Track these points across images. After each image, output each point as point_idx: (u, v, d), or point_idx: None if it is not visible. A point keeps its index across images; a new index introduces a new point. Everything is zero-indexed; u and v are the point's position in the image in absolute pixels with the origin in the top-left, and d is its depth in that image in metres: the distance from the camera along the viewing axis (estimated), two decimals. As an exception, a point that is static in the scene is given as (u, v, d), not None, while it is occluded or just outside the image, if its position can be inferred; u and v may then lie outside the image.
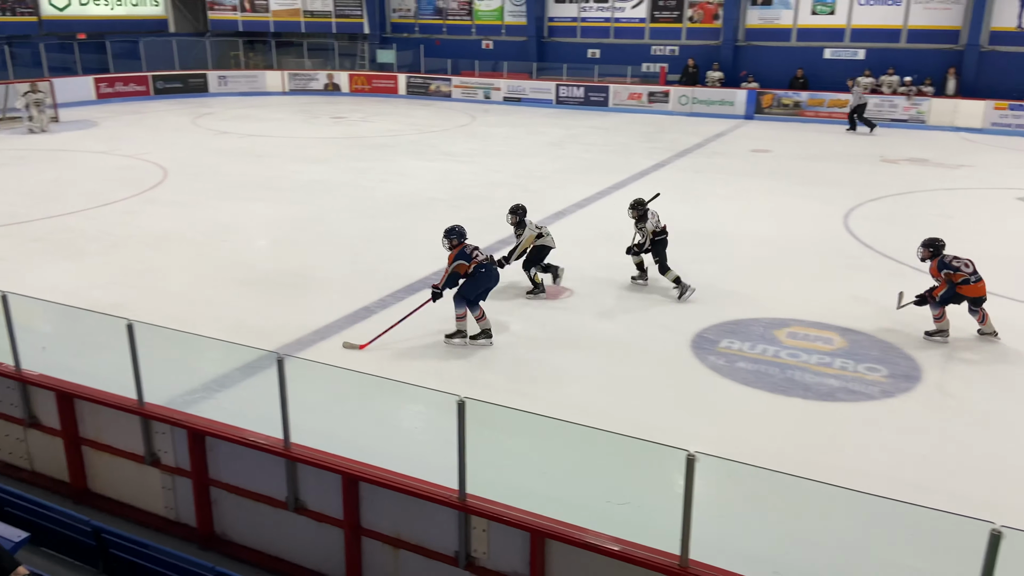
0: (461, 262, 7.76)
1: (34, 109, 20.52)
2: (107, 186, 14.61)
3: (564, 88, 27.67)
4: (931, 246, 8.34)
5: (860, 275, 10.38)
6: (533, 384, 7.27)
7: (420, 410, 6.42)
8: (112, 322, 5.56)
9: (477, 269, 7.80)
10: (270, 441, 4.88)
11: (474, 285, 7.85)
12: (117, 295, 9.15)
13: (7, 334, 5.63)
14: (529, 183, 15.55)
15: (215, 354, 7.03)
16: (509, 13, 29.97)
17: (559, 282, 9.58)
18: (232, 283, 9.89)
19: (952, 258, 8.18)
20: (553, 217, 12.82)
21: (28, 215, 12.53)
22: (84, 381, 5.62)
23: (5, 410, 5.85)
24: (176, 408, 5.42)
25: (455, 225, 8.10)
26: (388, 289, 9.55)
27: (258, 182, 15.30)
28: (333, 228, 12.33)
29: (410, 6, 31.75)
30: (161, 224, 12.22)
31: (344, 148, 19.36)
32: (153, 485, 5.43)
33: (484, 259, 7.88)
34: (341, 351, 7.76)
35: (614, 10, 28.45)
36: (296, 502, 4.94)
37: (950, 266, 8.12)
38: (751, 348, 8.02)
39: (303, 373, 5.83)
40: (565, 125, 23.54)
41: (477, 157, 18.45)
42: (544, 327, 8.55)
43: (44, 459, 5.84)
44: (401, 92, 30.08)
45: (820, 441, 6.44)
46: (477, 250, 7.90)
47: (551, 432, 4.85)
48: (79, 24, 27.61)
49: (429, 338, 8.17)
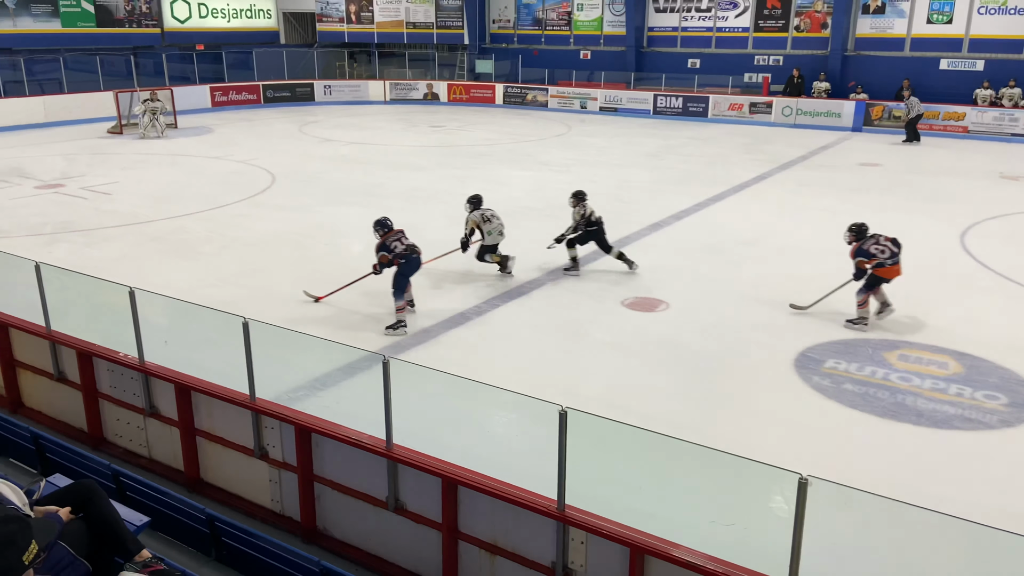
0: (382, 253, 8.41)
1: (150, 116, 21.80)
2: (220, 190, 15.36)
3: (662, 98, 27.36)
4: (855, 231, 8.77)
5: (978, 297, 9.80)
6: (627, 396, 7.18)
7: (518, 417, 6.44)
8: (226, 319, 5.82)
9: (397, 259, 8.34)
10: (373, 441, 4.99)
11: (399, 274, 8.44)
12: (228, 294, 9.58)
13: (133, 328, 5.98)
14: (625, 193, 15.43)
15: (319, 353, 7.25)
16: (608, 23, 29.90)
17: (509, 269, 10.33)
18: (334, 285, 10.21)
19: (872, 243, 8.55)
20: (649, 228, 12.66)
21: (148, 215, 13.30)
22: (200, 374, 5.90)
23: (128, 399, 6.21)
24: (283, 404, 5.62)
25: (381, 217, 8.73)
26: (484, 295, 9.65)
27: (359, 188, 15.75)
28: (430, 234, 12.53)
29: (509, 17, 32.11)
30: (268, 227, 12.75)
31: (442, 156, 19.72)
32: (261, 478, 5.64)
33: (403, 249, 8.36)
34: (440, 354, 7.88)
35: (716, 19, 27.96)
36: (396, 502, 5.03)
37: (865, 253, 8.54)
38: (859, 370, 7.68)
39: (404, 374, 5.95)
40: (662, 135, 23.26)
41: (573, 167, 18.44)
42: (640, 339, 8.45)
43: (162, 447, 6.17)
44: (498, 102, 30.43)
45: (932, 470, 6.10)
46: (398, 241, 8.44)
47: (651, 446, 4.77)
48: (198, 36, 29.24)
49: (532, 350, 8.20)
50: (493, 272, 10.50)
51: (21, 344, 6.89)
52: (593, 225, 10.30)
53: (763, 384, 7.47)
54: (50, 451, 5.12)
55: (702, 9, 28.17)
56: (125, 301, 5.96)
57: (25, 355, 6.91)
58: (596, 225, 10.32)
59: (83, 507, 3.40)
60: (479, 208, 10.21)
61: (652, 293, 9.71)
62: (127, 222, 12.95)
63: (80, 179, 16.29)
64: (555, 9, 31.03)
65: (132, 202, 14.34)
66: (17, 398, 7.05)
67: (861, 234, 8.73)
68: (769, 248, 11.72)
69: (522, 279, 10.20)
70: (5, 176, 16.40)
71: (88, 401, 6.45)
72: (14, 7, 23.84)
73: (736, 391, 7.32)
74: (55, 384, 6.71)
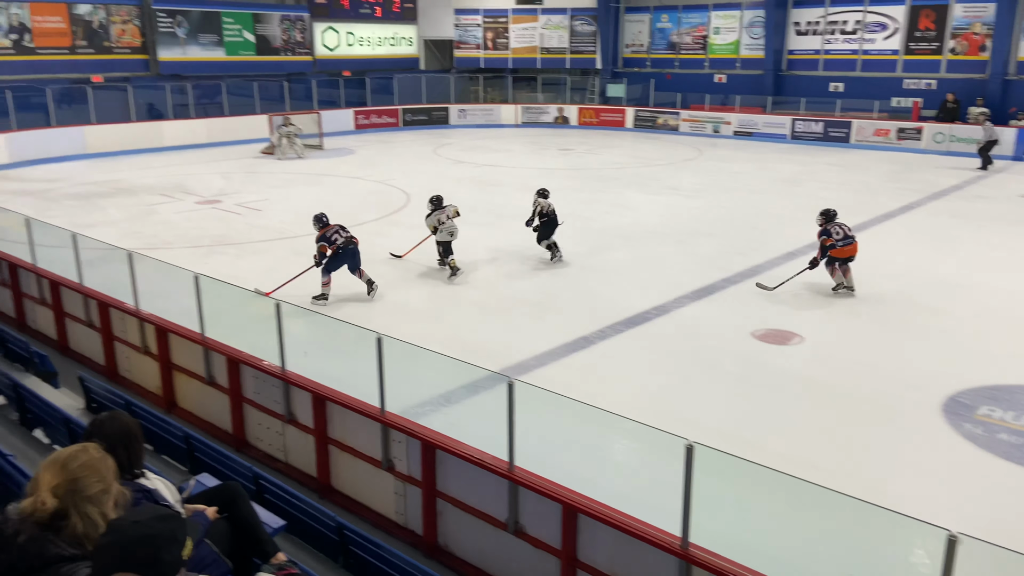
0: (322, 243, 9.88)
1: (286, 140, 23.19)
2: (359, 208, 16.10)
3: (801, 123, 26.38)
4: (823, 215, 10.64)
5: None
6: (757, 432, 6.90)
7: (639, 446, 6.33)
8: (361, 333, 6.07)
9: (337, 250, 9.86)
10: (495, 462, 5.03)
11: (336, 261, 9.97)
12: (363, 308, 10.00)
13: (277, 337, 6.34)
14: (759, 220, 14.94)
15: (446, 370, 7.42)
16: (745, 46, 29.22)
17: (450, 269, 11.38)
18: (462, 303, 10.46)
19: (835, 227, 10.38)
20: (784, 258, 12.18)
21: (293, 231, 14.10)
22: (335, 385, 6.16)
23: (270, 405, 6.58)
24: (408, 418, 5.78)
25: (319, 213, 10.25)
26: (607, 320, 9.57)
27: (488, 209, 16.07)
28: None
29: (643, 41, 32.02)
30: (401, 245, 13.21)
31: (569, 179, 19.83)
32: (387, 490, 5.81)
33: (342, 241, 9.91)
34: (559, 377, 7.88)
35: (863, 42, 26.72)
36: (516, 525, 5.05)
37: (825, 232, 10.38)
38: (1016, 419, 7.04)
39: (526, 396, 5.99)
40: (800, 161, 22.39)
41: (703, 192, 18.07)
42: (771, 373, 8.12)
43: (297, 453, 6.48)
44: (628, 125, 30.32)
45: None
46: (337, 233, 9.94)
47: (784, 488, 4.55)
48: (345, 63, 30.93)
49: (653, 377, 8.06)
50: (614, 297, 10.41)
51: (178, 348, 7.46)
52: (544, 216, 12.17)
53: (908, 429, 6.99)
54: (199, 451, 5.49)
55: (847, 31, 27.00)
56: (271, 311, 6.34)
57: (181, 359, 7.47)
58: (549, 217, 12.18)
59: (227, 508, 3.61)
60: (441, 208, 11.57)
61: (785, 325, 9.33)
62: (275, 237, 13.80)
63: (235, 196, 17.52)
64: (690, 33, 30.66)
65: (280, 218, 15.26)
66: (172, 399, 7.62)
67: (829, 219, 10.58)
68: (917, 282, 11.00)
69: (646, 305, 10.06)
70: (170, 192, 17.90)
71: (234, 405, 6.89)
72: (185, 36, 26.10)
73: (878, 435, 6.89)
74: (205, 387, 7.20)
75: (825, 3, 27.24)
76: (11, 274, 9.44)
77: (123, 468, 3.17)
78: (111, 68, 24.72)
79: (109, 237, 11.57)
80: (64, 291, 8.70)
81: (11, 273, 9.44)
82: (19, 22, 22.60)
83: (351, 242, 10.03)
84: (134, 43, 25.30)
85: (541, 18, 32.47)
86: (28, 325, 9.48)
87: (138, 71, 25.44)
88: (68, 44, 23.73)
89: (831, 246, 10.27)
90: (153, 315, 7.62)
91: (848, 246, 10.33)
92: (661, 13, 31.23)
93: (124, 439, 3.26)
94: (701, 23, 30.28)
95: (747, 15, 28.96)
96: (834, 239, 10.27)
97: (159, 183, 18.85)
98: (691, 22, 30.56)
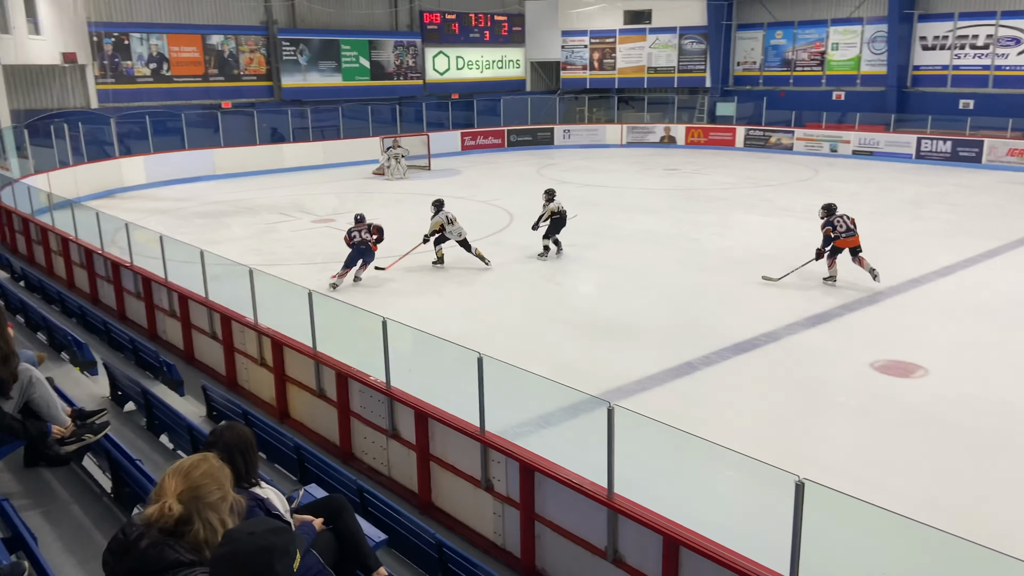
0: (345, 235, 12.30)
1: (393, 160, 23.92)
2: (464, 228, 16.37)
3: (927, 141, 25.02)
4: (825, 208, 11.73)
5: None
6: (877, 470, 6.52)
7: (745, 479, 6.11)
8: (462, 352, 6.15)
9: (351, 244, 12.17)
10: (594, 488, 4.97)
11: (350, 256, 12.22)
12: (465, 327, 10.15)
13: (383, 354, 6.52)
14: (879, 244, 14.20)
15: (545, 391, 7.41)
16: (866, 62, 28.04)
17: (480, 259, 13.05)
18: (562, 324, 10.43)
19: (838, 219, 11.39)
20: (907, 284, 11.54)
21: (400, 249, 14.50)
22: (436, 403, 6.27)
23: (375, 420, 6.75)
24: (507, 438, 5.79)
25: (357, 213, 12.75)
26: (713, 346, 9.32)
27: (590, 229, 16.02)
28: (659, 279, 12.43)
29: (756, 58, 31.27)
30: (506, 265, 13.36)
31: (675, 200, 19.53)
32: (486, 509, 5.84)
33: (357, 240, 12.12)
34: (661, 402, 7.73)
35: (995, 57, 25.12)
36: (615, 553, 4.96)
37: (829, 223, 11.40)
38: None
39: (626, 422, 5.90)
40: (926, 182, 21.21)
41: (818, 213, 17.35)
42: (892, 407, 7.67)
43: (400, 468, 6.61)
44: (738, 145, 29.62)
45: None
46: (357, 232, 12.18)
47: (901, 531, 4.27)
48: (454, 86, 31.74)
49: (761, 408, 7.77)
50: (720, 321, 10.13)
51: (292, 361, 7.78)
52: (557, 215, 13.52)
53: (1044, 473, 6.45)
54: (309, 461, 5.69)
55: (978, 46, 25.46)
56: (378, 328, 6.53)
57: (294, 371, 7.79)
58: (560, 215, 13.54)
59: (333, 520, 3.72)
60: (443, 210, 13.02)
61: (908, 356, 8.81)
62: (383, 254, 14.21)
63: (348, 215, 18.14)
64: (807, 49, 29.70)
65: (389, 236, 15.68)
66: (285, 409, 7.95)
67: (831, 212, 11.58)
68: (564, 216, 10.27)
69: (754, 331, 9.73)
70: (288, 211, 18.81)
71: (342, 418, 7.11)
72: (306, 64, 27.49)
73: (1012, 477, 6.38)
74: (316, 400, 7.48)
75: (954, 17, 25.80)
76: (145, 287, 10.14)
77: (239, 477, 3.33)
78: (239, 94, 26.33)
79: (232, 253, 12.27)
80: (191, 304, 9.26)
81: (145, 286, 10.13)
82: (158, 52, 24.43)
83: (363, 243, 12.22)
84: (260, 71, 26.86)
85: (649, 37, 32.27)
86: (159, 335, 10.14)
87: (263, 97, 26.99)
88: (201, 72, 25.45)
89: (835, 237, 11.31)
90: (270, 328, 7.99)
91: (850, 238, 11.33)
92: (776, 29, 30.43)
93: (241, 449, 3.42)
94: (819, 39, 29.29)
95: (869, 30, 27.79)
96: (838, 231, 11.30)
97: (279, 202, 19.85)
98: (808, 38, 29.61)
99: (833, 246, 11.35)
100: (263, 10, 26.51)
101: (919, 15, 26.64)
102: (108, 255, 10.99)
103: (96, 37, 22.73)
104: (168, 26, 24.42)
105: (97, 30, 22.70)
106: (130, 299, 10.75)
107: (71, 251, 12.26)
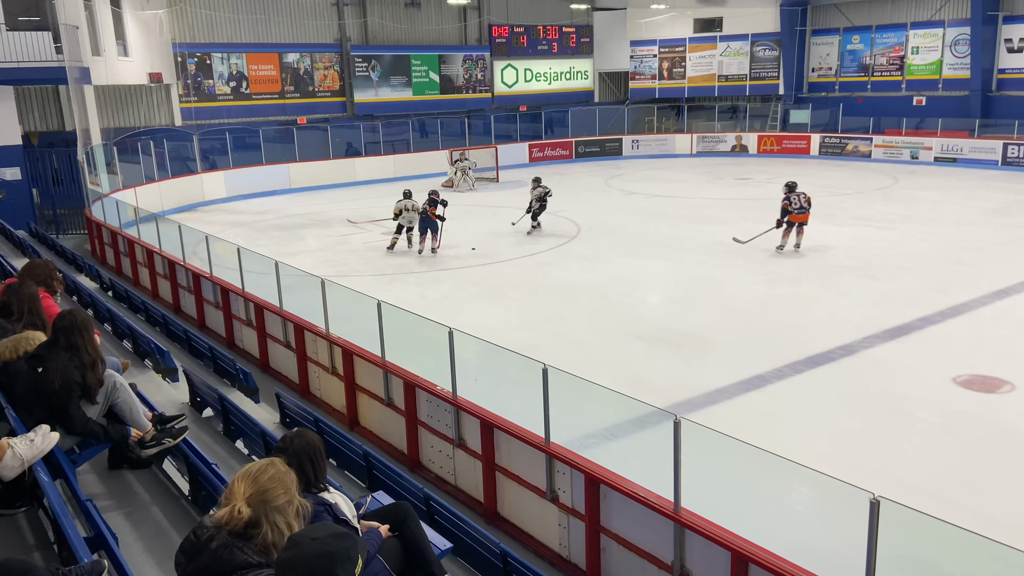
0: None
1: (460, 173, 24.16)
2: (531, 239, 16.45)
3: (1013, 147, 23.88)
4: (787, 186, 14.13)
5: None
6: (961, 491, 6.23)
7: (818, 496, 5.92)
8: (527, 363, 6.16)
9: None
10: (660, 501, 4.90)
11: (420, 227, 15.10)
12: (530, 337, 10.15)
13: (449, 364, 6.59)
14: (963, 255, 13.63)
15: (610, 403, 7.35)
16: (948, 66, 26.97)
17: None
18: (629, 336, 10.33)
19: (795, 196, 13.89)
20: (993, 296, 11.01)
21: (467, 261, 14.66)
22: (502, 413, 6.29)
23: (442, 429, 6.82)
24: (572, 450, 5.76)
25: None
26: (784, 359, 9.08)
27: (659, 240, 15.86)
28: (730, 290, 12.19)
29: (831, 64, 30.44)
30: (572, 276, 13.34)
31: (746, 210, 19.13)
32: (551, 521, 5.82)
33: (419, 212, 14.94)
34: (731, 416, 7.56)
35: (1090, 54, 23.84)
36: (682, 568, 4.87)
37: (787, 199, 13.89)
38: None
39: (694, 436, 5.80)
40: (1014, 190, 20.24)
41: (898, 223, 16.76)
42: (978, 424, 7.32)
43: (466, 477, 6.66)
44: (813, 152, 28.86)
45: None
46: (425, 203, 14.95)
47: (986, 553, 4.07)
48: (522, 98, 31.94)
49: (837, 423, 7.53)
50: (793, 333, 9.86)
51: (362, 370, 7.94)
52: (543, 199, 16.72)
53: None
54: (377, 469, 5.79)
55: (1072, 44, 24.20)
56: (444, 339, 6.60)
57: (364, 380, 7.94)
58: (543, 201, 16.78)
59: (399, 527, 3.78)
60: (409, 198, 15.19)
61: (993, 371, 8.40)
62: (452, 267, 14.40)
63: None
64: (885, 54, 28.76)
65: (455, 251, 15.91)
66: (355, 417, 8.12)
67: (791, 190, 13.98)
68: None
69: (830, 343, 9.44)
70: (360, 223, 19.22)
71: (409, 427, 7.21)
72: (377, 79, 28.13)
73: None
74: (384, 408, 7.61)
75: (1043, 16, 24.62)
76: (223, 297, 10.52)
77: (308, 482, 3.41)
78: (314, 110, 27.13)
79: (306, 265, 12.61)
80: (267, 313, 9.56)
81: (223, 296, 10.51)
82: (238, 71, 25.40)
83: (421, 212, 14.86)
84: (334, 87, 27.61)
85: (720, 45, 31.81)
86: (236, 344, 10.50)
87: (336, 112, 27.73)
88: (278, 90, 26.33)
89: (788, 211, 13.84)
90: (341, 338, 8.18)
91: (801, 214, 13.89)
92: (852, 34, 29.57)
93: (310, 455, 3.50)
94: (898, 43, 28.33)
95: (951, 33, 26.73)
96: (792, 206, 13.83)
97: (351, 215, 20.31)
98: (886, 42, 28.67)
99: (788, 220, 13.86)
100: (337, 28, 27.27)
101: (1004, 16, 25.48)
102: (189, 266, 11.46)
103: (180, 57, 23.80)
104: (247, 45, 25.37)
105: (181, 51, 23.76)
106: (209, 309, 11.17)
107: (155, 263, 12.83)
